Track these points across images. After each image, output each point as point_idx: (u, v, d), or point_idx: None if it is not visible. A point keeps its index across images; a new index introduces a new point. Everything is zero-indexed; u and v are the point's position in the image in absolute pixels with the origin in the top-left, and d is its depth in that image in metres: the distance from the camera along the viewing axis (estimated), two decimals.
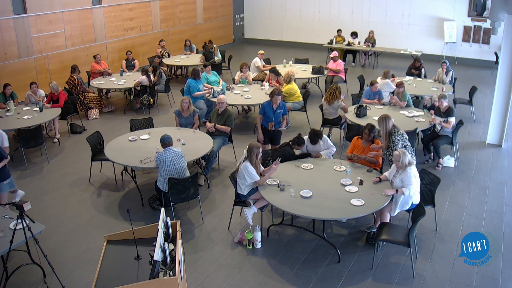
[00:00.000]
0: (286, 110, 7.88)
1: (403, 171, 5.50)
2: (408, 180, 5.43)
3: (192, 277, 5.26)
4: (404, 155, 5.49)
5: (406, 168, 5.48)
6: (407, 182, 5.44)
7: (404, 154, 5.50)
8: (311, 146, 6.75)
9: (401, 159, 5.49)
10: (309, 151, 6.78)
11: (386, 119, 6.43)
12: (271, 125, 7.64)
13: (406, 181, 5.45)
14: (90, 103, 10.54)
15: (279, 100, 7.61)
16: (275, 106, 7.65)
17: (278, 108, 7.69)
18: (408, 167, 5.47)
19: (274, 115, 7.67)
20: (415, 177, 5.50)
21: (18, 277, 5.18)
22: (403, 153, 5.52)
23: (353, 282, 5.17)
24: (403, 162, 5.48)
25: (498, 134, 8.87)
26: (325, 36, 16.31)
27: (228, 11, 18.57)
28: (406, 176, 5.44)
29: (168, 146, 6.20)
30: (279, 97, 7.59)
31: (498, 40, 13.17)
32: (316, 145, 6.74)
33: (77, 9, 12.52)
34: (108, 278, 4.00)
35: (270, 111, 7.66)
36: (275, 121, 7.69)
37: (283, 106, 7.79)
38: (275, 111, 7.68)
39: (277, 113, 7.70)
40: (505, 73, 8.51)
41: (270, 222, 6.26)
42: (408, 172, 5.44)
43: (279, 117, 7.76)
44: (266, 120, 7.72)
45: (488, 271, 5.28)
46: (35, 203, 6.82)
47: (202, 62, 12.82)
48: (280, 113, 7.74)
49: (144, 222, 6.26)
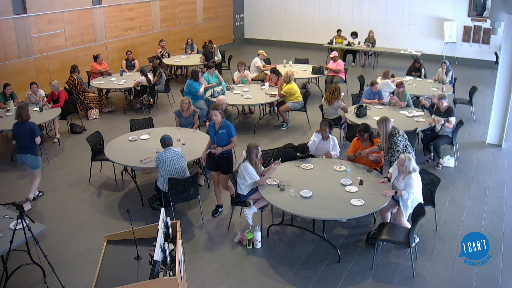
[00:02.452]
0: (232, 131, 6.31)
1: (406, 176, 5.49)
2: (410, 186, 5.43)
3: (192, 277, 5.26)
4: (409, 161, 5.47)
5: (410, 173, 5.47)
6: (409, 188, 5.44)
7: (410, 160, 5.48)
8: (321, 142, 6.75)
9: (405, 164, 5.48)
10: (318, 148, 6.77)
11: (385, 121, 6.42)
12: (213, 148, 6.25)
13: (408, 187, 5.45)
14: (90, 103, 10.54)
15: (216, 117, 6.21)
16: (217, 125, 6.29)
17: (220, 128, 6.27)
18: (412, 173, 5.46)
19: (215, 136, 6.29)
20: (417, 184, 5.51)
21: (18, 277, 5.18)
22: (409, 159, 5.50)
23: (353, 282, 5.17)
24: (407, 167, 5.47)
25: (498, 134, 8.88)
26: (325, 36, 16.31)
27: (228, 11, 18.57)
28: (409, 181, 5.44)
29: (168, 146, 6.20)
30: (215, 112, 6.20)
31: (498, 40, 13.17)
32: (325, 143, 6.75)
33: (77, 9, 12.53)
34: (108, 278, 4.00)
35: (211, 131, 6.37)
36: (218, 144, 6.28)
37: (227, 126, 6.28)
38: (217, 132, 6.28)
39: (219, 134, 6.26)
40: (505, 73, 8.51)
41: (270, 222, 6.26)
42: (412, 177, 5.45)
43: (222, 139, 6.27)
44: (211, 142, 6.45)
45: (488, 271, 5.28)
46: (35, 203, 6.82)
47: (202, 62, 12.82)
48: (223, 134, 6.26)
49: (144, 222, 6.26)
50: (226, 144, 6.28)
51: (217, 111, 6.20)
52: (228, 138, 6.27)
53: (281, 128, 9.83)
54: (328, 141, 6.77)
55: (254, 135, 9.42)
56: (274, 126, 9.99)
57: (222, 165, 6.36)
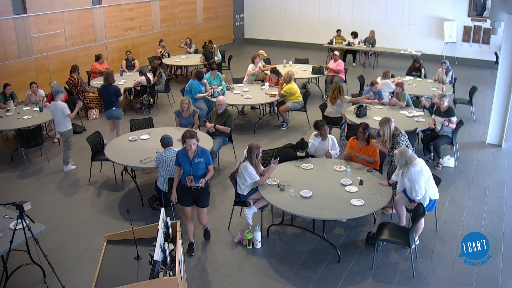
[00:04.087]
0: (210, 159, 5.59)
1: (407, 170, 5.42)
2: (415, 180, 5.35)
3: (192, 277, 5.26)
4: (400, 155, 5.41)
5: (408, 166, 5.39)
6: (415, 183, 5.35)
7: (401, 154, 5.41)
8: (319, 143, 6.75)
9: (397, 158, 5.44)
10: (317, 149, 6.76)
11: (388, 121, 6.40)
12: (189, 180, 5.42)
13: (413, 182, 5.37)
14: (90, 103, 10.54)
15: (193, 145, 5.39)
16: (191, 153, 5.45)
17: (195, 157, 5.44)
18: (410, 166, 5.38)
19: (191, 167, 5.46)
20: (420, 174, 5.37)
21: (18, 277, 5.18)
22: (400, 153, 5.43)
23: (353, 282, 5.17)
24: (399, 161, 5.41)
25: (498, 134, 8.88)
26: (325, 36, 16.31)
27: (228, 11, 18.57)
28: (411, 175, 5.37)
29: (168, 146, 6.20)
30: (192, 140, 5.36)
31: (498, 40, 13.17)
32: (324, 143, 6.74)
33: (77, 9, 12.53)
34: (108, 278, 4.00)
35: (185, 161, 5.46)
36: (194, 174, 5.45)
37: (203, 153, 5.51)
38: (192, 161, 5.43)
39: (194, 164, 5.43)
40: (505, 73, 8.51)
41: (270, 222, 6.26)
42: (411, 170, 5.36)
43: (199, 169, 5.47)
44: (184, 174, 5.53)
45: (488, 271, 5.28)
46: (35, 203, 6.81)
47: (202, 62, 12.83)
48: (199, 162, 5.45)
49: (144, 222, 6.26)
50: (204, 174, 5.54)
51: (195, 139, 5.41)
52: (206, 166, 5.57)
53: (281, 128, 9.83)
54: (327, 141, 6.77)
55: (254, 135, 9.43)
56: (274, 126, 10.00)
57: (201, 198, 5.60)
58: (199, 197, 5.60)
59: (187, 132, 5.44)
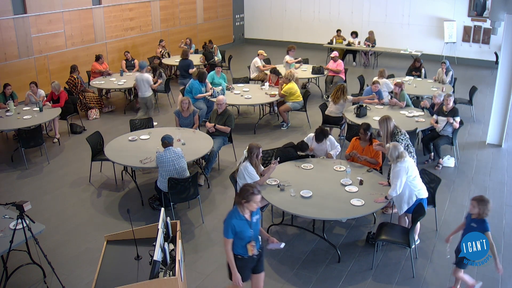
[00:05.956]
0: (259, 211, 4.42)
1: (394, 165, 5.36)
2: (398, 175, 5.24)
3: (192, 277, 5.26)
4: (393, 149, 5.32)
5: (396, 162, 5.31)
6: (396, 178, 5.26)
7: (394, 149, 5.33)
8: (316, 145, 6.73)
9: (389, 152, 5.37)
10: (315, 150, 6.76)
11: (386, 120, 6.37)
12: (252, 248, 4.28)
13: (395, 177, 5.28)
14: (90, 103, 10.54)
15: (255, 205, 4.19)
16: (248, 214, 4.26)
17: (253, 214, 4.28)
18: (398, 162, 5.28)
19: (251, 229, 4.26)
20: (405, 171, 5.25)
21: (18, 277, 5.18)
22: (394, 146, 5.35)
23: (353, 282, 5.17)
24: (392, 155, 5.34)
25: (498, 134, 8.88)
26: (325, 36, 16.31)
27: (228, 11, 18.57)
28: (395, 171, 5.29)
29: (168, 146, 6.20)
30: (259, 197, 4.19)
31: (498, 40, 13.17)
32: (321, 144, 6.72)
33: (77, 9, 12.53)
34: (108, 278, 4.00)
35: (244, 227, 4.20)
36: (255, 237, 4.32)
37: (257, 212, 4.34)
38: (251, 222, 4.26)
39: (254, 224, 4.28)
40: (505, 73, 8.51)
41: (270, 222, 6.26)
42: (398, 166, 5.28)
43: (257, 229, 4.36)
44: (241, 243, 4.26)
45: (488, 271, 5.28)
46: (35, 203, 6.80)
47: (202, 62, 12.83)
48: (258, 220, 4.36)
49: (144, 222, 6.25)
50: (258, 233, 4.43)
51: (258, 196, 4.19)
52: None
53: (281, 128, 9.83)
54: (324, 142, 6.72)
55: (254, 135, 9.43)
56: (274, 126, 9.99)
57: (261, 260, 4.48)
58: (259, 260, 4.45)
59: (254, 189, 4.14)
